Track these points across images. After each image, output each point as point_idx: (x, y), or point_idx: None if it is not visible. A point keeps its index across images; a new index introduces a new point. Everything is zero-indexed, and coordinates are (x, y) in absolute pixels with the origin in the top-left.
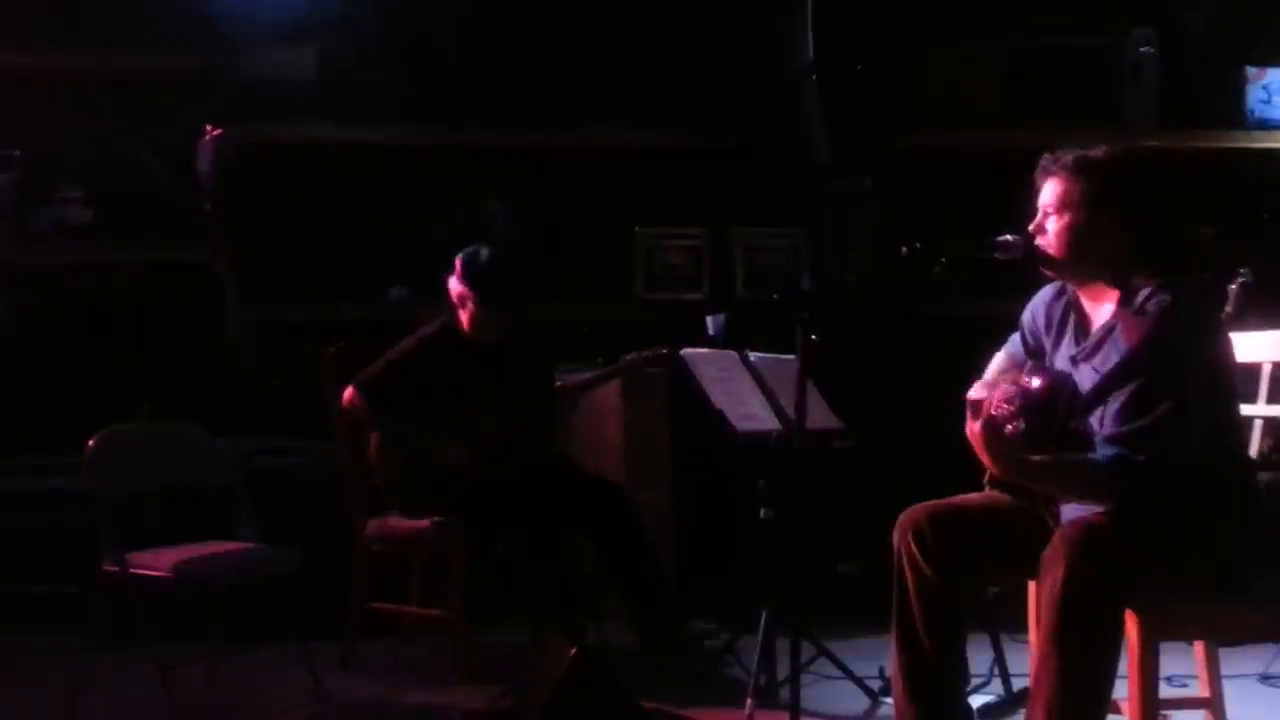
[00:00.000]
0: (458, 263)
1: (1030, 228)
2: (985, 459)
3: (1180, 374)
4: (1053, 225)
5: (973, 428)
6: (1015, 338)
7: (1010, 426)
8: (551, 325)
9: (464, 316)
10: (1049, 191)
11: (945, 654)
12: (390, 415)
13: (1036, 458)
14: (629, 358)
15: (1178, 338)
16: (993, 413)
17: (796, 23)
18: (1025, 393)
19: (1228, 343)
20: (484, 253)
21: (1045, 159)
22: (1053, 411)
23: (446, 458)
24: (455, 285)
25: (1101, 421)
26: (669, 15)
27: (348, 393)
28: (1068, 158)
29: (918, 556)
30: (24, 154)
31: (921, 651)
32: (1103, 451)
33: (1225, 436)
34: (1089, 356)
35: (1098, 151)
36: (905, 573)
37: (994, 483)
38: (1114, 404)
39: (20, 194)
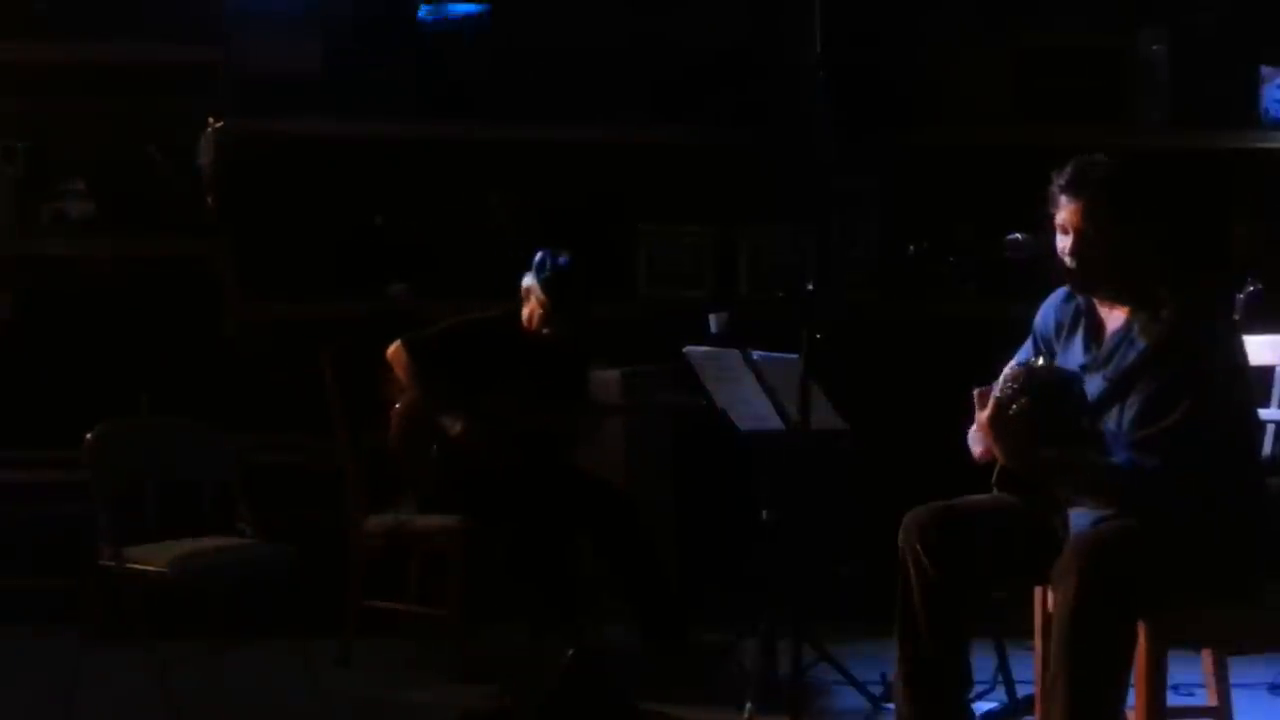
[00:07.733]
0: (536, 257)
1: (1059, 250)
2: (996, 449)
3: (1198, 376)
4: (1071, 243)
5: (981, 417)
6: (1026, 345)
7: (1015, 406)
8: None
9: (526, 311)
10: (1062, 213)
11: (947, 656)
12: (431, 375)
13: (1047, 453)
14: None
15: (1195, 340)
16: (997, 394)
17: (803, 19)
18: (1031, 371)
19: (1242, 347)
20: (564, 257)
21: (1054, 178)
22: (1062, 397)
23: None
24: (528, 279)
25: (1119, 423)
26: (675, 10)
27: (394, 347)
28: (1072, 175)
29: (922, 557)
30: (26, 146)
31: (924, 652)
32: (1118, 456)
33: (1240, 441)
34: (1102, 365)
35: (1101, 164)
36: (910, 573)
37: (1002, 485)
38: (1131, 410)
39: (22, 186)
